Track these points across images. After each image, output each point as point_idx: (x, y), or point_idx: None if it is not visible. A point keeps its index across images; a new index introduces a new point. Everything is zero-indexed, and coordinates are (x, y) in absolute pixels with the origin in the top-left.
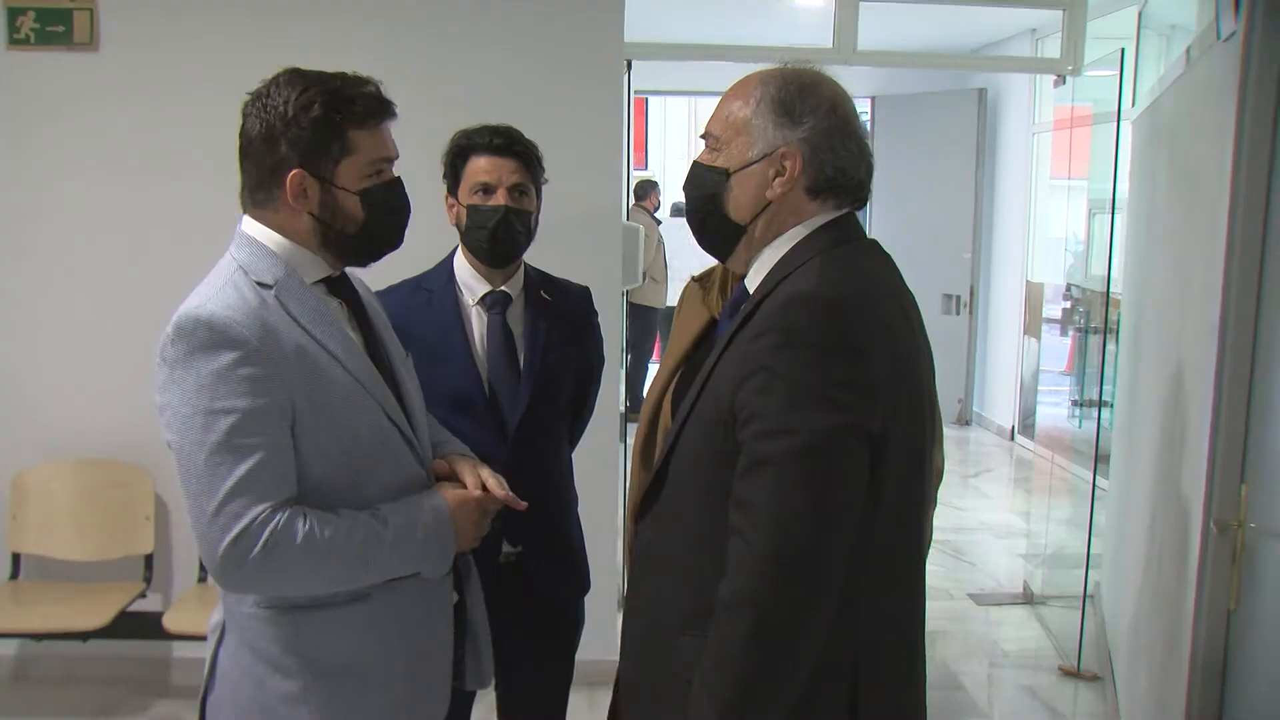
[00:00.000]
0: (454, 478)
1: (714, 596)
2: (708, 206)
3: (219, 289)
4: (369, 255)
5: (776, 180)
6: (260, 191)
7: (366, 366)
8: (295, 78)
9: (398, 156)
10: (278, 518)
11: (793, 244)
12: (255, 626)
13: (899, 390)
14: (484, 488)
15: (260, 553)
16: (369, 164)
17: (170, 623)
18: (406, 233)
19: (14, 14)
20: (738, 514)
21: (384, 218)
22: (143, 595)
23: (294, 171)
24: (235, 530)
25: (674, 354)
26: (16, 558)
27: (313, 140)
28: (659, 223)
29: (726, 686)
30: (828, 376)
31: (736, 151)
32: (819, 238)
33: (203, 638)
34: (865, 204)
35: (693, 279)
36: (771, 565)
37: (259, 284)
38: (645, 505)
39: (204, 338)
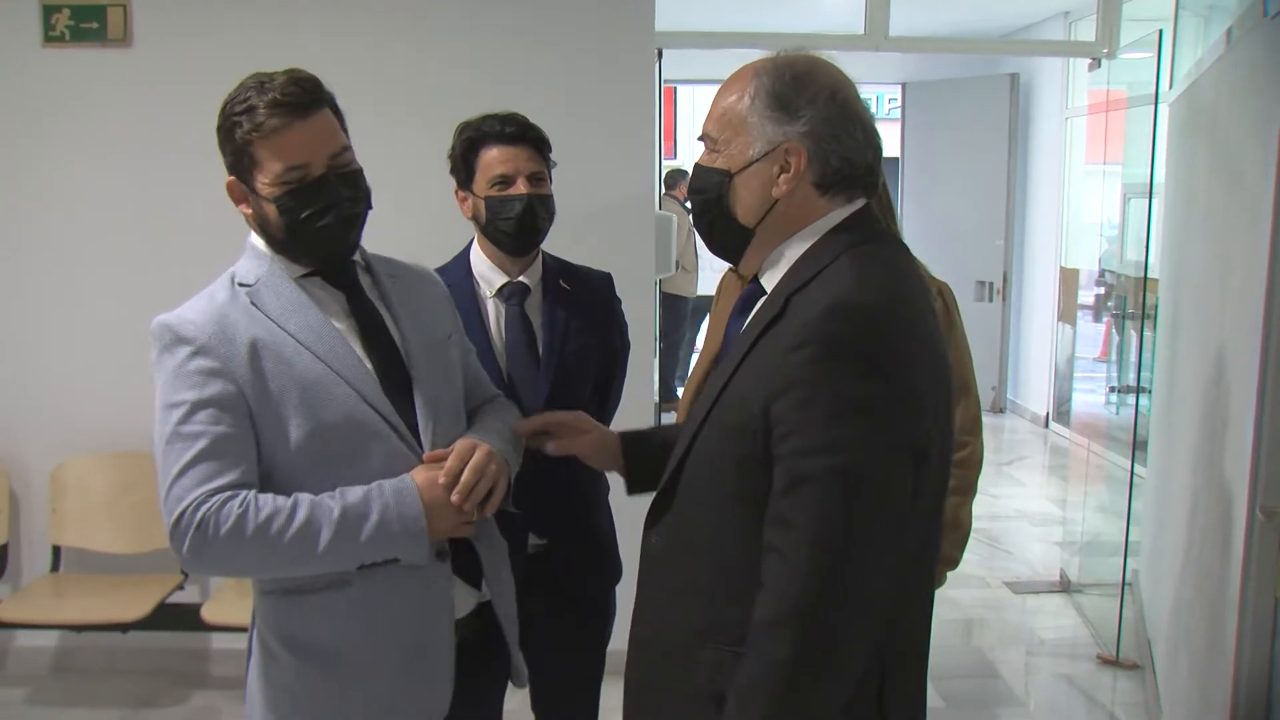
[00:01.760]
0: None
1: (733, 609)
2: (714, 210)
3: (198, 296)
4: (314, 257)
5: (782, 178)
6: None
7: (345, 354)
8: (238, 85)
9: (335, 150)
10: (211, 502)
11: (812, 241)
12: (260, 609)
13: (939, 396)
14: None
15: (194, 536)
16: (279, 173)
17: (209, 614)
18: (443, 223)
19: (49, 11)
20: (778, 533)
21: (303, 223)
22: (180, 587)
23: (229, 178)
24: (174, 515)
25: (712, 345)
26: (56, 550)
27: (233, 153)
28: (689, 211)
29: (765, 709)
30: (872, 389)
31: (736, 151)
32: (841, 235)
33: (240, 629)
34: (876, 190)
35: (731, 269)
36: (815, 587)
37: (241, 284)
38: (656, 511)
39: (166, 339)
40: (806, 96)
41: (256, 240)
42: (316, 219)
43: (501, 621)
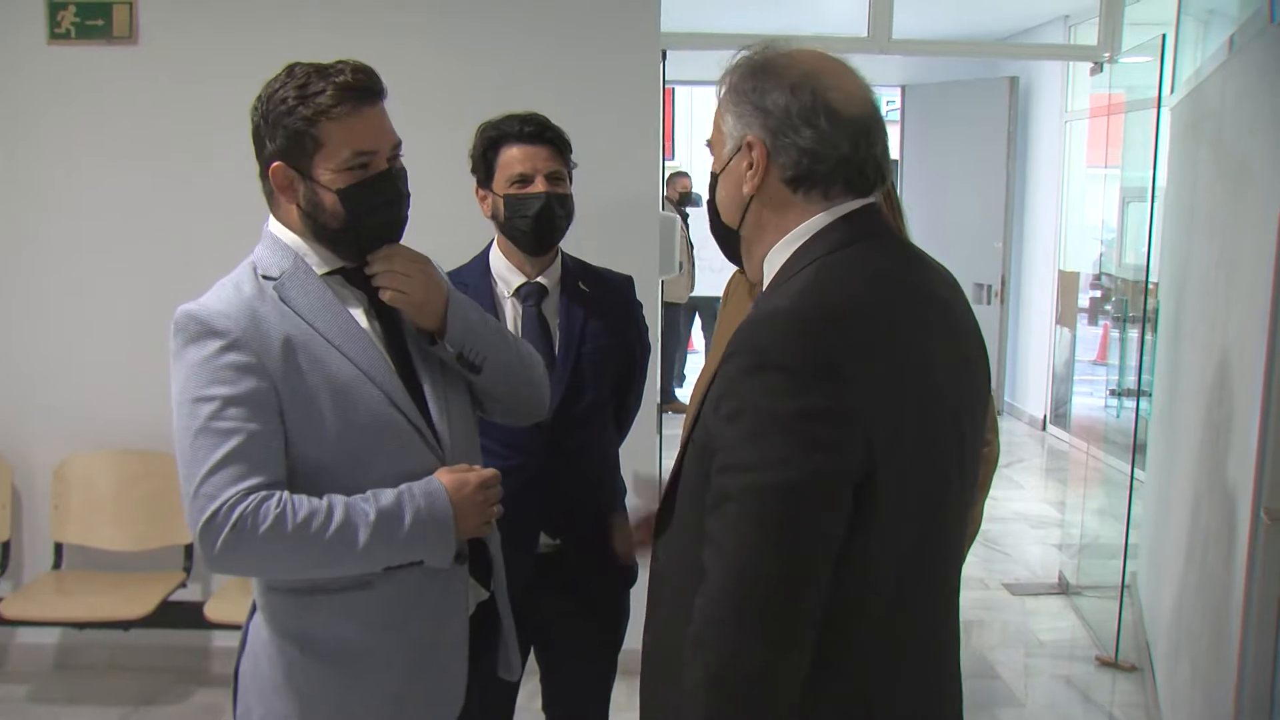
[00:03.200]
0: None
1: None
2: (712, 213)
3: (222, 285)
4: (360, 250)
5: (748, 173)
6: (265, 185)
7: (372, 355)
8: (282, 73)
9: (395, 143)
10: (249, 500)
11: (795, 248)
12: (268, 606)
13: (902, 412)
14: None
15: (230, 534)
16: (345, 158)
17: (211, 612)
18: (450, 224)
19: (55, 9)
20: (706, 551)
21: (366, 216)
22: (183, 585)
23: (275, 164)
24: (208, 512)
25: (720, 348)
26: (59, 547)
27: (287, 135)
28: (686, 214)
29: None
30: (797, 404)
31: (718, 152)
32: (823, 240)
33: (242, 627)
34: (868, 189)
35: (739, 271)
36: (729, 611)
37: (265, 277)
38: (660, 526)
39: (193, 330)
40: (764, 88)
41: (278, 230)
42: (380, 212)
43: (502, 616)
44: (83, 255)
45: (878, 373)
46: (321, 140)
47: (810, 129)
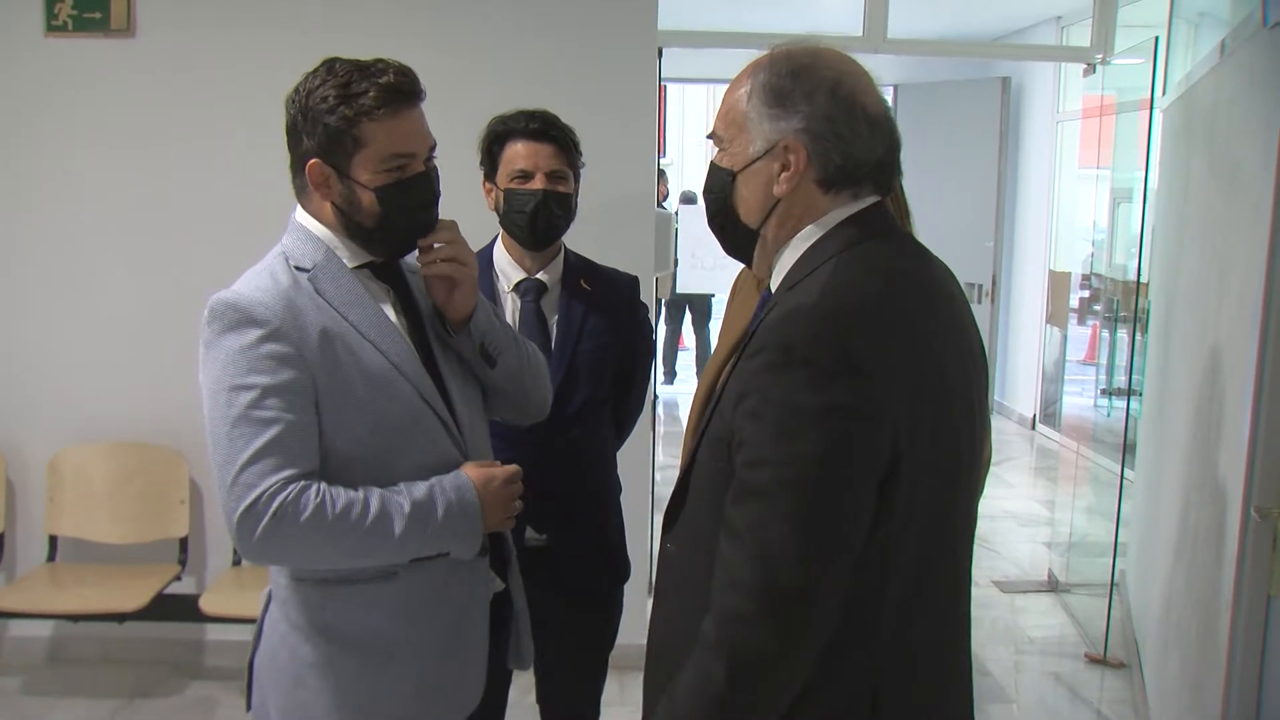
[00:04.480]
0: None
1: None
2: (722, 210)
3: (256, 274)
4: (392, 249)
5: (782, 176)
6: (297, 179)
7: (403, 349)
8: (321, 68)
9: (432, 145)
10: (289, 490)
11: (809, 245)
12: (289, 596)
13: (920, 406)
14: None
15: (270, 523)
16: (384, 158)
17: (207, 605)
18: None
19: (52, 0)
20: (726, 541)
21: (401, 216)
22: (177, 578)
23: (312, 161)
24: (247, 500)
25: (726, 344)
26: (53, 540)
27: (327, 133)
28: (675, 213)
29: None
30: (824, 400)
31: (739, 149)
32: (837, 237)
33: (238, 620)
34: (890, 188)
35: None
36: (753, 604)
37: (298, 268)
38: (671, 516)
39: (231, 318)
40: (803, 91)
41: (309, 223)
42: (412, 216)
43: (516, 608)
44: (79, 248)
45: (898, 368)
46: (362, 141)
47: (853, 134)
